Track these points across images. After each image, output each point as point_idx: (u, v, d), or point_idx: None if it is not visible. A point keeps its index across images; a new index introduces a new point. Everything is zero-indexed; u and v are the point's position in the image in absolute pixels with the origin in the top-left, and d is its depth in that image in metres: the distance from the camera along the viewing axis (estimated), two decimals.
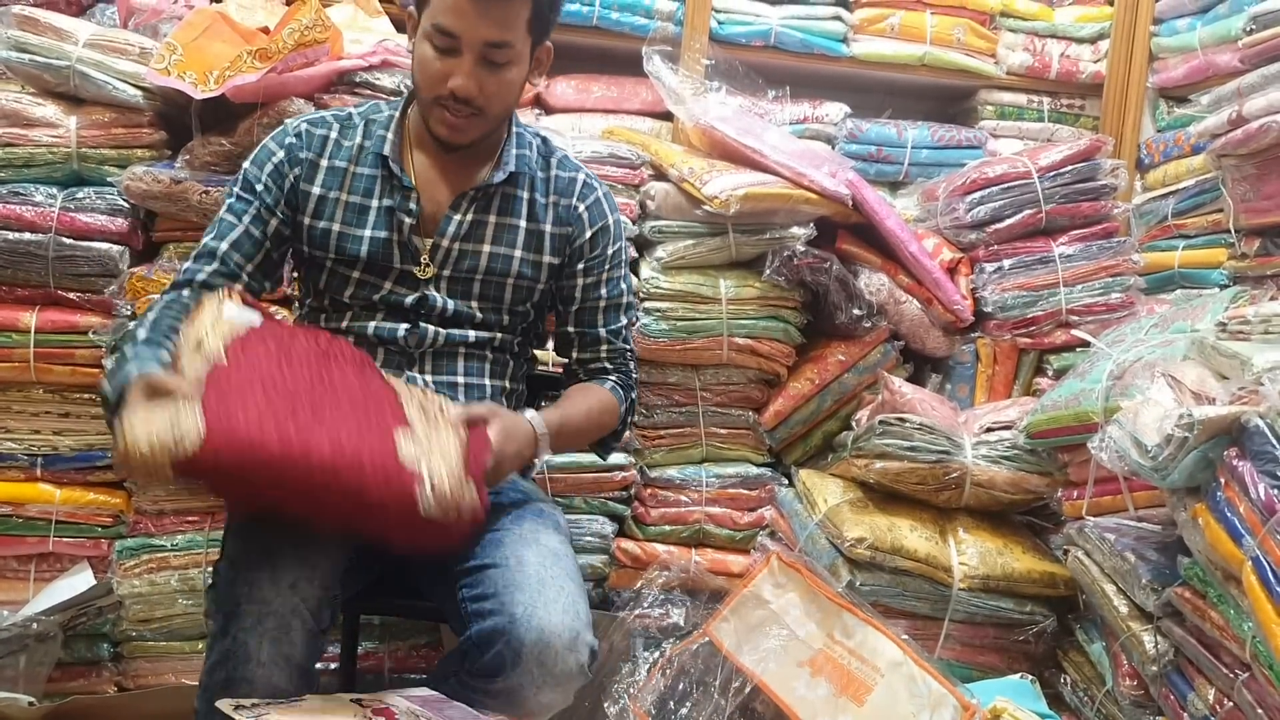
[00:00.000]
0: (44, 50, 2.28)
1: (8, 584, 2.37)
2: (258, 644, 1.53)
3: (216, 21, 2.40)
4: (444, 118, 1.81)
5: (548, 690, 1.61)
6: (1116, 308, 2.60)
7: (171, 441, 1.44)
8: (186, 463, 1.45)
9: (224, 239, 1.85)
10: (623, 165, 2.57)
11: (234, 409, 1.49)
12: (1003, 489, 2.25)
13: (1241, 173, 2.24)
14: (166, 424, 1.46)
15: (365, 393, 1.63)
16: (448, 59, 1.76)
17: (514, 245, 1.92)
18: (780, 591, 2.07)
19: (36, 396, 2.32)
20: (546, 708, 1.65)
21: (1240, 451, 1.55)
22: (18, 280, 2.28)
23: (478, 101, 1.78)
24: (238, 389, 1.53)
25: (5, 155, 2.28)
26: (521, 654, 1.58)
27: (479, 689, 1.63)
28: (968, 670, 2.15)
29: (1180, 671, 1.77)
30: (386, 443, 1.53)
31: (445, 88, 1.77)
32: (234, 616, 1.55)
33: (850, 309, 2.58)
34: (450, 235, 1.88)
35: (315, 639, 1.59)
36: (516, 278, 1.92)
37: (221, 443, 1.45)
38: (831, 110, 3.04)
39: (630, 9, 2.95)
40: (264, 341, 1.65)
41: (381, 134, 1.90)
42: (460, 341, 1.90)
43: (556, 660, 1.59)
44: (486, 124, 1.84)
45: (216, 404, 1.49)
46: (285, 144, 1.90)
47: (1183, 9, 2.98)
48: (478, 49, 1.75)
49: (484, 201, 1.91)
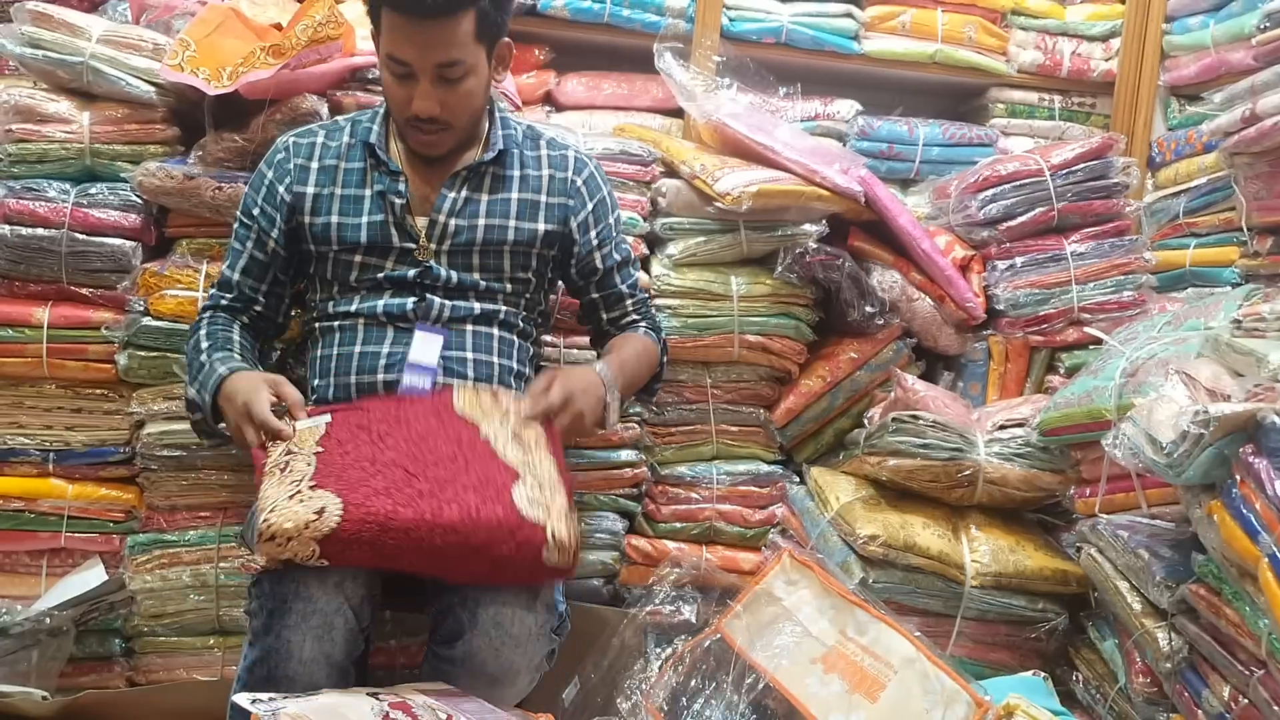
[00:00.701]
0: (57, 46, 2.28)
1: (20, 579, 2.37)
2: (301, 641, 1.56)
3: (229, 18, 2.40)
4: (417, 137, 1.95)
5: (507, 651, 1.64)
6: (1128, 306, 2.60)
7: (316, 518, 1.57)
8: (328, 538, 1.57)
9: (235, 269, 2.06)
10: (634, 162, 2.57)
11: (358, 486, 1.63)
12: (1015, 486, 2.24)
13: (1254, 171, 2.23)
14: (304, 508, 1.59)
15: (458, 443, 1.75)
16: (407, 84, 1.88)
17: (508, 216, 2.03)
18: (792, 588, 2.07)
19: (49, 392, 2.33)
20: (510, 670, 1.66)
21: (1256, 448, 1.55)
22: (31, 276, 2.29)
23: (442, 118, 1.90)
24: (352, 469, 1.67)
25: (19, 151, 2.28)
26: (478, 614, 1.63)
27: (444, 657, 1.66)
28: (980, 667, 2.14)
29: (1194, 669, 1.77)
30: (506, 498, 1.66)
31: (410, 110, 1.89)
32: (279, 614, 1.57)
33: (862, 306, 2.58)
34: (446, 211, 1.99)
35: (355, 637, 1.62)
36: (514, 245, 2.02)
37: (360, 515, 1.58)
38: (843, 107, 3.03)
39: (641, 6, 2.94)
40: (346, 427, 1.78)
41: (368, 127, 2.04)
42: (466, 315, 1.99)
43: (513, 620, 1.63)
44: (457, 134, 1.97)
45: (340, 485, 1.62)
46: (274, 162, 2.05)
47: (1195, 6, 2.97)
48: (430, 72, 1.86)
49: (476, 180, 2.02)
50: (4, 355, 2.27)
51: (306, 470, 1.66)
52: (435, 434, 1.76)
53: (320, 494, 1.60)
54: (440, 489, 1.64)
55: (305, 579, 1.59)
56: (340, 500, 1.59)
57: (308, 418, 1.80)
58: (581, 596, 2.44)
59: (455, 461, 1.71)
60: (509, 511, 1.63)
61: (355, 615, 1.61)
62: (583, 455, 2.50)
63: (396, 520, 1.59)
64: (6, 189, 2.26)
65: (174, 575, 2.33)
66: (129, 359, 2.27)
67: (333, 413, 1.83)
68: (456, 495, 1.63)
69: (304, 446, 1.73)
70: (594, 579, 2.55)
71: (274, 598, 1.59)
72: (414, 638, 2.44)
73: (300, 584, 1.58)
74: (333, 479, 1.64)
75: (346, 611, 1.60)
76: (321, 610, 1.58)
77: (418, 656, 2.43)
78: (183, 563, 2.34)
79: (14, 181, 2.28)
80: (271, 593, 1.60)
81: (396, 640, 2.42)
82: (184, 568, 2.34)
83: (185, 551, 2.35)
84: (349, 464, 1.68)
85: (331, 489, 1.61)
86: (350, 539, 1.58)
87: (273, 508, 1.60)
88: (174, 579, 2.33)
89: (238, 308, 2.05)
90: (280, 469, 1.69)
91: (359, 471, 1.66)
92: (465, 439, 1.76)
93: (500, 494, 1.65)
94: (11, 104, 2.28)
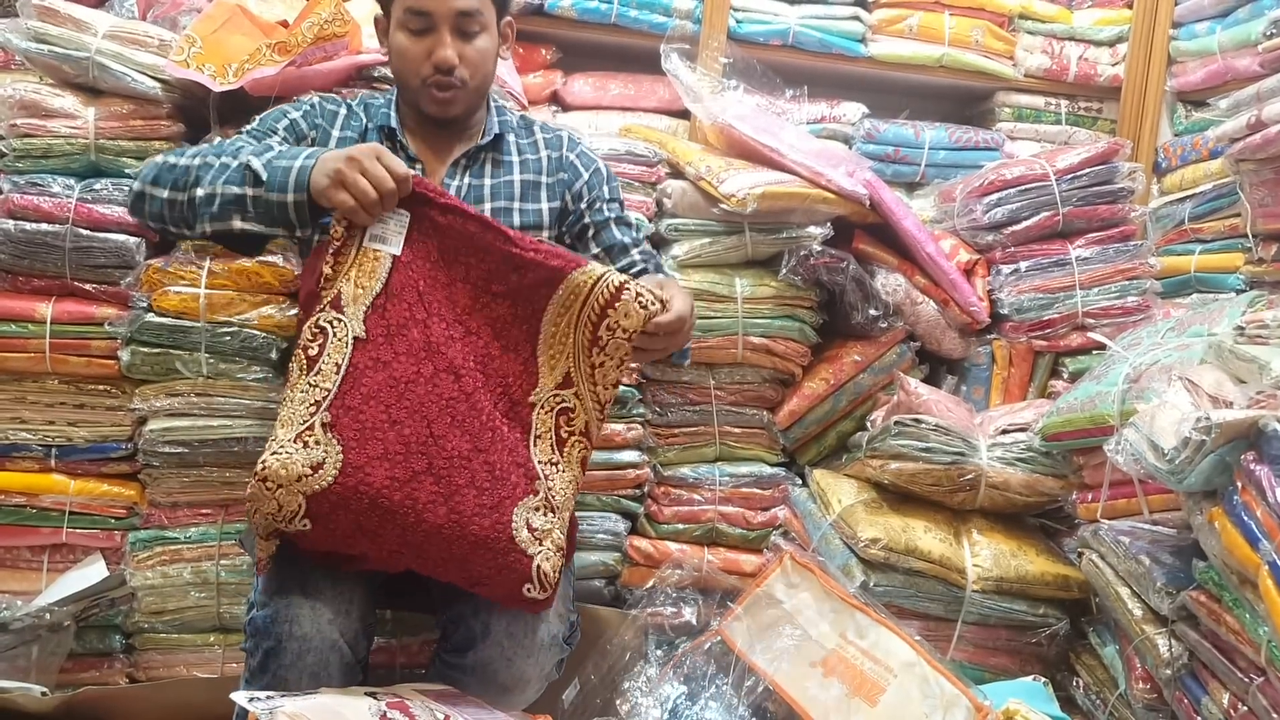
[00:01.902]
0: (63, 41, 2.28)
1: (21, 574, 2.37)
2: (298, 679, 1.56)
3: (236, 14, 2.41)
4: (432, 95, 1.95)
5: (519, 661, 1.63)
6: (1133, 311, 2.59)
7: (310, 473, 1.55)
8: (317, 496, 1.55)
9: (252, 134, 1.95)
10: (639, 163, 2.57)
11: (367, 439, 1.58)
12: (1017, 491, 2.24)
13: (1259, 177, 2.23)
14: (304, 456, 1.56)
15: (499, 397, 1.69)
16: (425, 38, 1.91)
17: (512, 198, 2.05)
18: (793, 591, 2.07)
19: (52, 387, 2.33)
20: (522, 680, 1.65)
21: (1258, 455, 1.55)
22: (34, 271, 2.29)
23: (460, 71, 1.93)
24: (373, 405, 1.60)
25: (23, 146, 2.28)
26: (490, 625, 1.61)
27: (455, 665, 1.65)
28: (980, 672, 2.15)
29: (1194, 675, 1.77)
30: (505, 515, 1.61)
31: (428, 64, 1.92)
32: (274, 654, 1.56)
33: (866, 309, 2.58)
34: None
35: (352, 669, 1.61)
36: (520, 227, 2.01)
37: (354, 483, 1.55)
38: (849, 110, 3.03)
39: (649, 7, 2.95)
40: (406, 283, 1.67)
41: (385, 111, 2.05)
42: None
43: (525, 631, 1.62)
44: (470, 95, 1.98)
45: (352, 432, 1.58)
46: (302, 110, 2.04)
47: (1202, 12, 2.97)
48: (451, 20, 1.90)
49: (477, 166, 2.04)
50: (7, 350, 2.27)
51: (329, 390, 1.59)
52: (483, 405, 1.66)
53: (327, 441, 1.56)
54: (446, 473, 1.59)
55: (298, 618, 1.57)
56: (341, 458, 1.55)
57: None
58: (583, 597, 2.43)
59: (479, 432, 1.63)
60: (501, 532, 1.60)
61: (350, 648, 1.60)
62: None
63: (385, 501, 1.55)
64: (11, 184, 2.27)
65: (175, 572, 2.34)
66: (132, 355, 2.27)
67: (410, 218, 1.69)
68: (457, 490, 1.59)
69: (361, 293, 1.64)
70: (595, 580, 2.55)
71: (268, 636, 1.57)
72: (414, 636, 2.44)
73: (293, 623, 1.57)
74: (349, 418, 1.58)
75: (342, 647, 1.58)
76: (316, 649, 1.56)
77: (418, 655, 2.44)
78: (184, 559, 2.34)
79: (19, 176, 2.27)
80: (266, 631, 1.58)
81: (397, 639, 2.42)
82: (185, 564, 2.34)
83: (186, 548, 2.35)
84: (372, 394, 1.60)
85: (339, 437, 1.56)
86: (338, 504, 1.55)
87: (276, 448, 1.56)
88: (175, 575, 2.34)
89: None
90: (308, 362, 1.62)
91: (376, 413, 1.59)
92: (513, 395, 1.69)
93: (501, 506, 1.61)
94: (17, 99, 2.28)
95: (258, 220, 1.74)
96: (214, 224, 1.76)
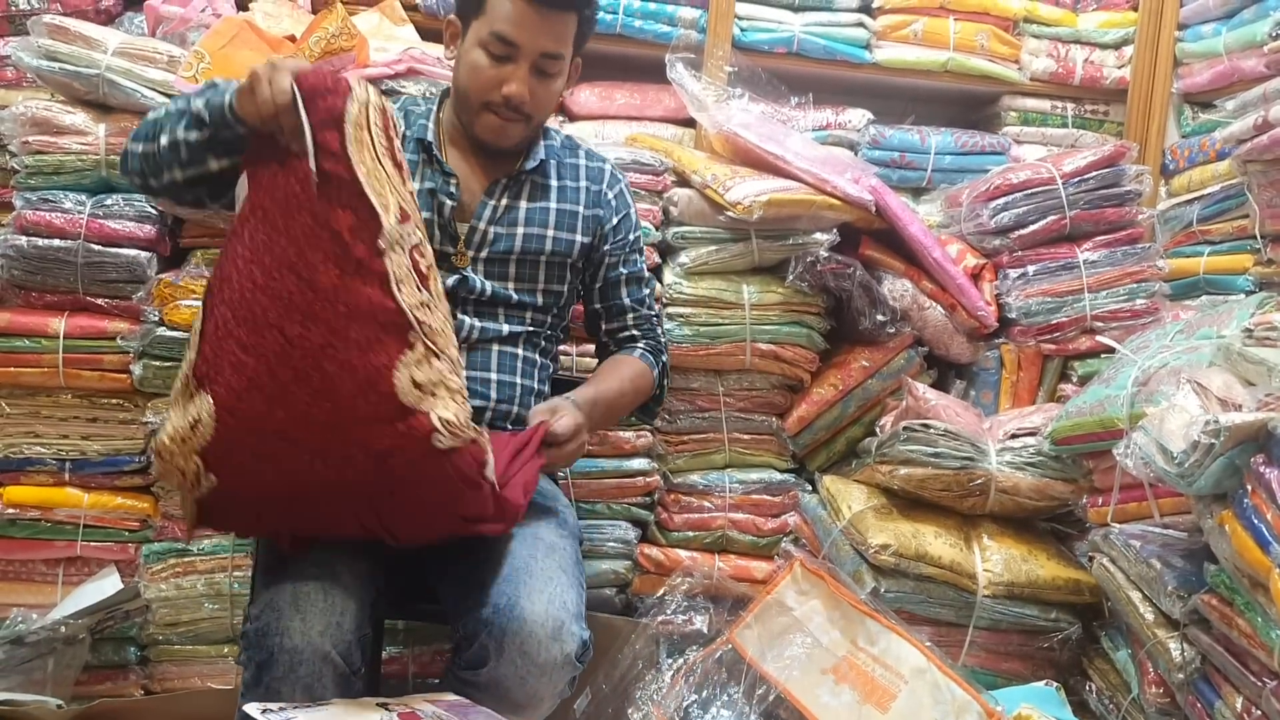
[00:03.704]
0: (74, 59, 2.30)
1: (36, 587, 2.39)
2: (291, 692, 1.55)
3: (243, 29, 2.42)
4: (491, 122, 1.92)
5: (532, 680, 1.62)
6: (1141, 314, 2.59)
7: (190, 431, 1.52)
8: (208, 450, 1.51)
9: None
10: (646, 172, 2.58)
11: (232, 374, 1.49)
12: (1027, 495, 2.24)
13: (1267, 178, 2.23)
14: (182, 416, 1.53)
15: (343, 264, 1.49)
16: (502, 65, 1.87)
17: (546, 225, 2.02)
18: (804, 598, 2.07)
19: (65, 401, 2.34)
20: (535, 698, 1.65)
21: (1267, 458, 1.54)
22: (47, 286, 2.31)
23: (527, 108, 1.90)
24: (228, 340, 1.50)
25: (35, 162, 2.30)
26: (504, 644, 1.60)
27: (468, 681, 1.64)
28: (992, 677, 2.14)
29: (1207, 679, 1.76)
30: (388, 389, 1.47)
31: (499, 93, 1.88)
32: (267, 666, 1.55)
33: (874, 315, 2.58)
34: (485, 219, 1.97)
35: (347, 680, 1.60)
36: (550, 255, 2.01)
37: (231, 422, 1.49)
38: (854, 117, 3.03)
39: (653, 17, 2.95)
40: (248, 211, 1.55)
41: (423, 123, 2.00)
42: (494, 336, 1.97)
43: (540, 650, 1.61)
44: (529, 130, 1.96)
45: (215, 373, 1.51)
46: None
47: (1207, 14, 2.96)
48: (534, 58, 1.87)
49: (516, 188, 2.01)
50: (21, 365, 2.29)
51: (196, 348, 1.54)
52: (317, 243, 1.49)
53: (199, 394, 1.51)
54: (314, 371, 1.47)
55: (289, 630, 1.57)
56: (211, 402, 1.48)
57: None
58: (594, 606, 2.43)
59: (336, 309, 1.48)
60: (388, 403, 1.47)
61: (344, 659, 1.58)
62: (595, 464, 2.51)
63: (267, 423, 1.48)
64: (23, 200, 2.28)
65: (189, 584, 2.35)
66: (144, 369, 2.29)
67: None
68: (329, 381, 1.47)
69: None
70: (606, 588, 2.56)
71: (260, 649, 1.57)
72: (426, 646, 2.45)
73: (284, 635, 1.56)
74: (210, 365, 1.51)
75: (334, 659, 1.57)
76: (308, 660, 1.55)
77: (430, 665, 2.45)
78: (197, 571, 2.36)
79: (31, 193, 2.29)
80: (257, 644, 1.57)
81: (409, 649, 2.43)
82: (199, 576, 2.36)
83: (200, 560, 2.37)
84: (223, 330, 1.51)
85: (208, 385, 1.50)
86: (227, 445, 1.49)
87: (163, 422, 1.58)
88: (189, 588, 2.35)
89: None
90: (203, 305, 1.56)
91: (230, 348, 1.49)
92: (356, 254, 1.49)
93: (380, 375, 1.47)
94: (28, 116, 2.30)
95: (225, 154, 1.65)
96: (185, 171, 1.68)
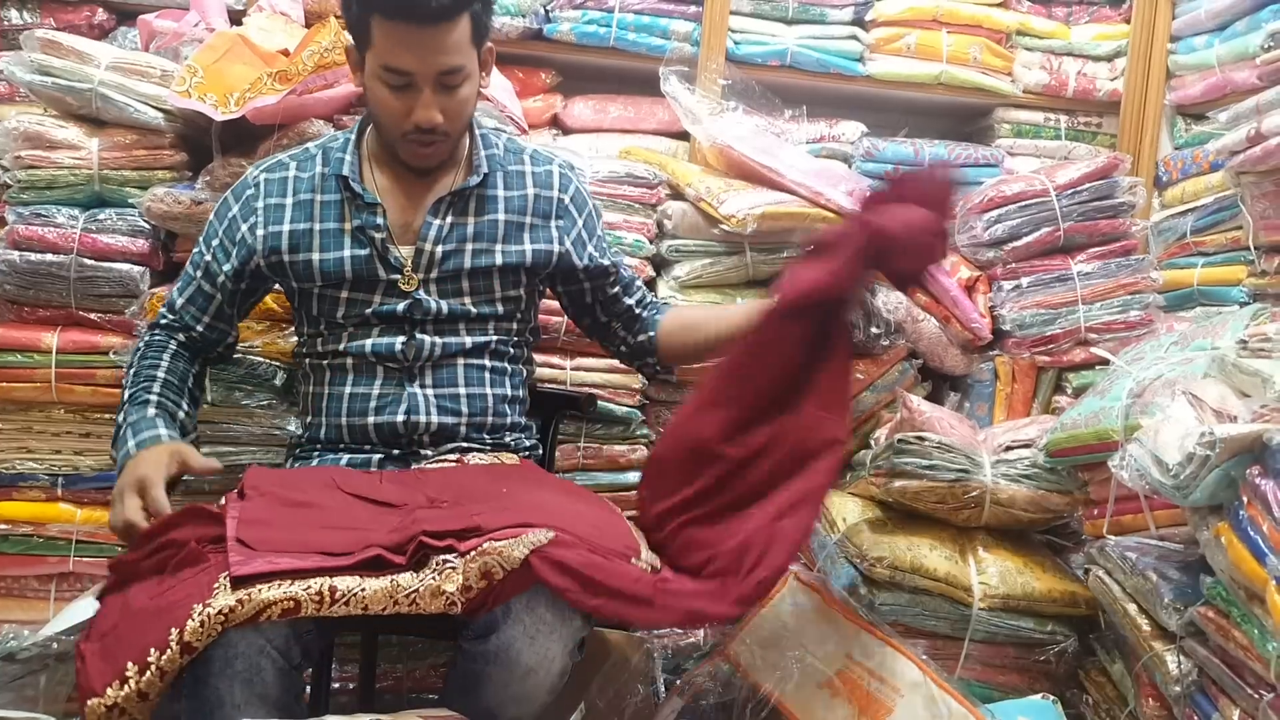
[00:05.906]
0: (66, 73, 2.30)
1: (28, 603, 2.38)
2: (229, 687, 1.53)
3: (237, 44, 2.42)
4: (413, 150, 1.89)
5: (543, 637, 1.59)
6: (1135, 325, 2.59)
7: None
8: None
9: (181, 294, 2.01)
10: (640, 185, 2.58)
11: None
12: (1023, 508, 2.23)
13: (1260, 190, 2.23)
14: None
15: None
16: (404, 94, 1.83)
17: (495, 240, 1.98)
18: (799, 612, 2.06)
19: (58, 416, 2.34)
20: (547, 658, 1.61)
21: (1263, 470, 1.54)
22: (40, 301, 2.31)
23: (442, 127, 1.85)
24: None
25: (28, 177, 2.30)
26: (511, 606, 1.58)
27: (478, 654, 1.61)
28: (988, 690, 2.13)
29: (1204, 692, 1.76)
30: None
31: (409, 123, 1.84)
32: (202, 663, 1.54)
33: (868, 327, 2.58)
34: (431, 239, 1.94)
35: (288, 675, 1.58)
36: (501, 268, 1.98)
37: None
38: (848, 129, 3.04)
39: (647, 30, 2.96)
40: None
41: (340, 157, 1.96)
42: (458, 350, 1.95)
43: (546, 603, 1.59)
44: (451, 143, 1.92)
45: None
46: (243, 197, 1.98)
47: (1200, 26, 2.97)
48: (432, 80, 1.82)
49: (461, 204, 1.97)
50: (13, 380, 2.29)
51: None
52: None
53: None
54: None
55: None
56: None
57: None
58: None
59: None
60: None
61: (282, 654, 1.57)
62: (590, 478, 2.50)
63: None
64: (16, 215, 2.29)
65: None
66: None
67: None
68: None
69: None
70: None
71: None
72: (420, 661, 2.44)
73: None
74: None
75: (271, 652, 1.55)
76: (243, 654, 1.53)
77: (424, 680, 2.44)
78: None
79: (23, 207, 2.30)
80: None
81: (404, 665, 2.42)
82: None
83: None
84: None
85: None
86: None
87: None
88: None
89: (176, 328, 2.00)
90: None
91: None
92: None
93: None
94: (21, 130, 2.30)
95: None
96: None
